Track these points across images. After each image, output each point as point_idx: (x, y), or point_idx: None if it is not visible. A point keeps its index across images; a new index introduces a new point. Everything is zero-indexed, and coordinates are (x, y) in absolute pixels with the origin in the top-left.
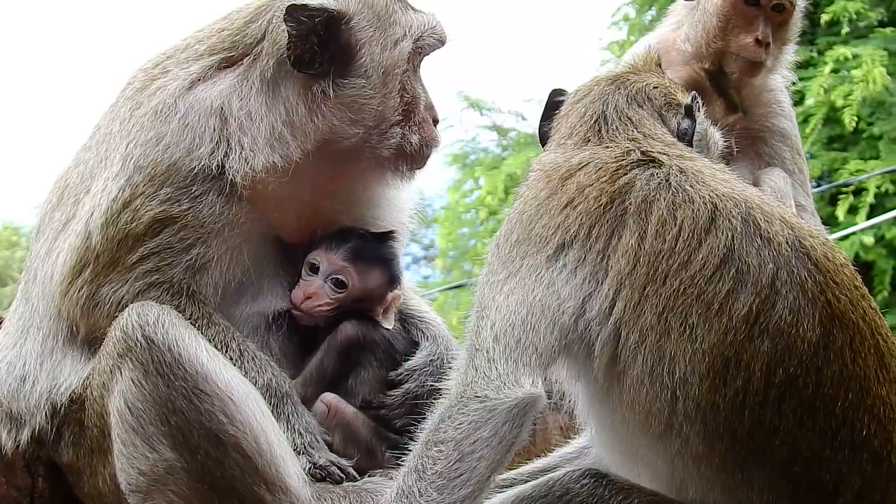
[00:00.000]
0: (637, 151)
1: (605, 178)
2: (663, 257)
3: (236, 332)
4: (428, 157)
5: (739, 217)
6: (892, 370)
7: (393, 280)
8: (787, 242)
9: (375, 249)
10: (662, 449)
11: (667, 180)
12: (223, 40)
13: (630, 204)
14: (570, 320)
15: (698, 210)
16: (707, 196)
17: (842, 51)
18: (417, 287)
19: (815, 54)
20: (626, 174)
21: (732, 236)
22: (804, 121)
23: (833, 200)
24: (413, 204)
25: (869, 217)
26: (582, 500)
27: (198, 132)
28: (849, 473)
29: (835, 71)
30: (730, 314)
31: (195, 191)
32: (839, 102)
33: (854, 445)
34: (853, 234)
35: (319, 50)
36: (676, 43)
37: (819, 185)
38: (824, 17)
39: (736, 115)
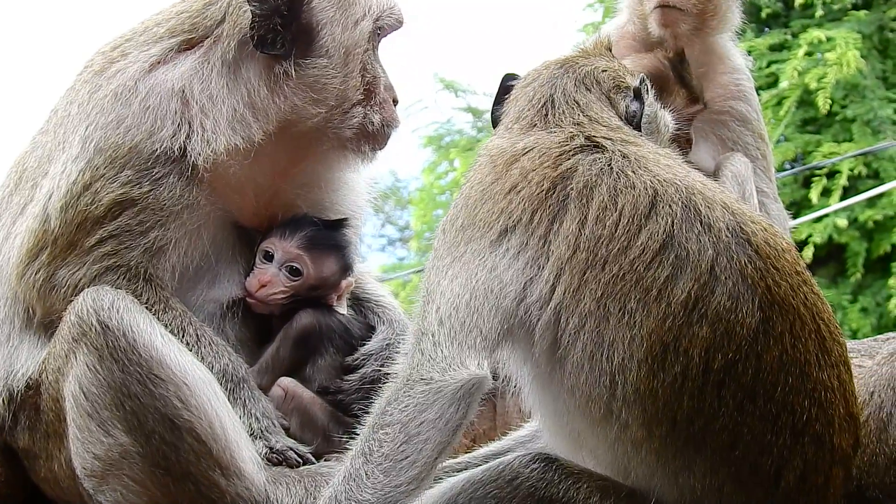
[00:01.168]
0: (581, 136)
1: (548, 164)
2: (603, 243)
3: (193, 317)
4: (389, 136)
5: (680, 203)
6: (833, 354)
7: (346, 267)
8: (728, 228)
9: (330, 237)
10: (603, 434)
11: (609, 165)
12: (183, 22)
13: (572, 189)
14: (512, 304)
15: (639, 195)
16: (648, 181)
17: (816, 34)
18: (379, 271)
19: (789, 37)
20: (569, 159)
21: (672, 222)
22: (778, 103)
23: (806, 183)
24: (371, 188)
25: (842, 199)
26: (532, 485)
27: (159, 115)
28: (790, 457)
29: (809, 54)
30: (668, 300)
31: (156, 173)
32: (813, 85)
33: (795, 429)
34: (826, 216)
35: (282, 30)
36: (627, 30)
37: (793, 168)
38: (799, 0)
39: (697, 106)
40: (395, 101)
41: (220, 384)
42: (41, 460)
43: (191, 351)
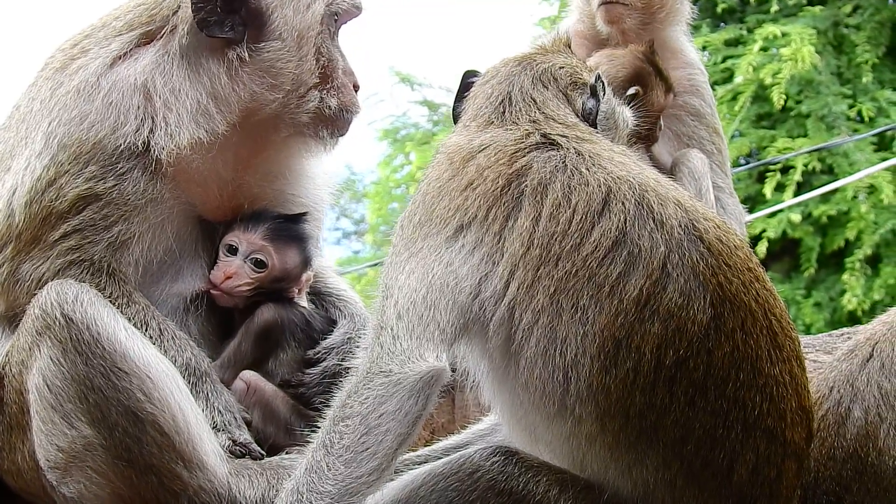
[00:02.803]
0: (536, 134)
1: (503, 161)
2: (556, 239)
3: (156, 311)
4: (348, 122)
5: (633, 200)
6: (785, 349)
7: (307, 261)
8: (680, 225)
9: (292, 229)
10: (557, 429)
11: (563, 163)
12: (140, 14)
13: (526, 186)
14: (468, 299)
15: (592, 193)
16: (602, 179)
17: (771, 29)
18: (335, 265)
19: (744, 32)
20: (524, 156)
21: (625, 219)
22: (733, 98)
23: (761, 178)
24: (333, 180)
25: (796, 194)
26: (492, 478)
27: (122, 110)
28: (742, 451)
29: (764, 49)
30: (620, 296)
31: (120, 168)
32: (768, 80)
33: (746, 424)
34: (780, 211)
35: (224, 13)
36: (577, 29)
37: (748, 163)
38: None
39: (671, 96)
40: (357, 87)
41: (183, 378)
42: (4, 452)
43: (154, 345)
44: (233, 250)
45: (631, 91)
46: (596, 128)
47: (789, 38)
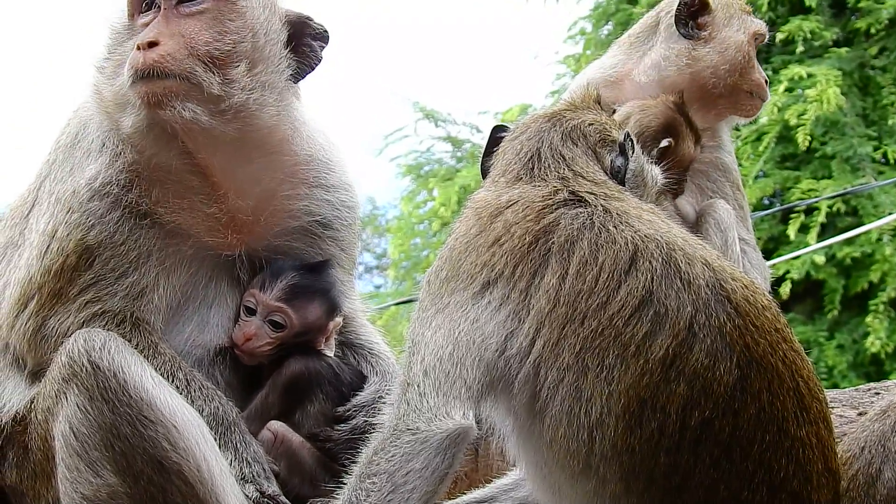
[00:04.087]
0: (565, 190)
1: (531, 217)
2: (583, 297)
3: (182, 361)
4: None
5: (660, 259)
6: (812, 411)
7: (332, 309)
8: (708, 285)
9: (311, 283)
10: (582, 488)
11: (591, 220)
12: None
13: (554, 243)
14: (494, 356)
15: (619, 251)
16: (629, 237)
17: (796, 70)
18: (367, 309)
19: (769, 73)
20: (552, 213)
21: (652, 278)
22: (757, 139)
23: (784, 219)
24: (354, 194)
25: (820, 235)
26: None
27: (91, 154)
28: None
29: (789, 90)
30: (646, 356)
31: (96, 209)
32: (793, 121)
33: (772, 486)
34: (805, 253)
35: None
36: (634, 74)
37: (771, 204)
38: (779, 36)
39: (698, 148)
40: (140, 47)
41: (211, 428)
42: (28, 499)
43: (181, 395)
44: (251, 311)
45: (664, 143)
46: (624, 185)
47: (815, 80)
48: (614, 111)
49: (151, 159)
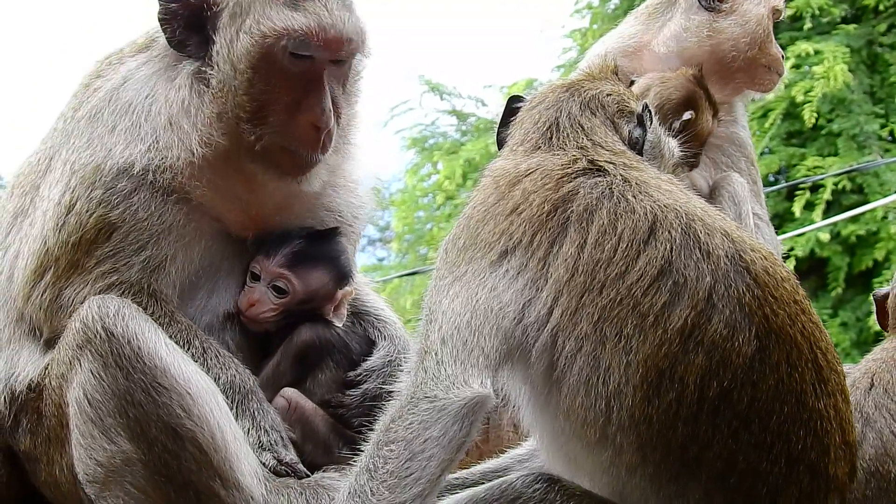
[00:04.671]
0: (584, 160)
1: (549, 186)
2: (601, 267)
3: (198, 329)
4: (303, 165)
5: (679, 229)
6: (830, 383)
7: (341, 277)
8: (727, 256)
9: (316, 250)
10: (598, 458)
11: (610, 189)
12: (145, 35)
13: (572, 212)
14: (511, 325)
15: (639, 220)
16: (648, 207)
17: (804, 46)
18: (372, 279)
19: None
20: (571, 182)
21: (671, 248)
22: (763, 115)
23: (790, 196)
24: (368, 185)
25: (825, 213)
26: None
27: (115, 131)
28: (786, 486)
29: (796, 66)
30: (665, 326)
31: (122, 189)
32: (799, 98)
33: (790, 458)
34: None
35: (187, 33)
36: (653, 45)
37: (776, 181)
38: (787, 12)
39: (716, 122)
40: (318, 127)
41: (228, 396)
42: (42, 464)
43: (197, 363)
44: (256, 277)
45: (686, 116)
46: (642, 156)
47: (822, 56)
48: (632, 82)
49: (220, 149)
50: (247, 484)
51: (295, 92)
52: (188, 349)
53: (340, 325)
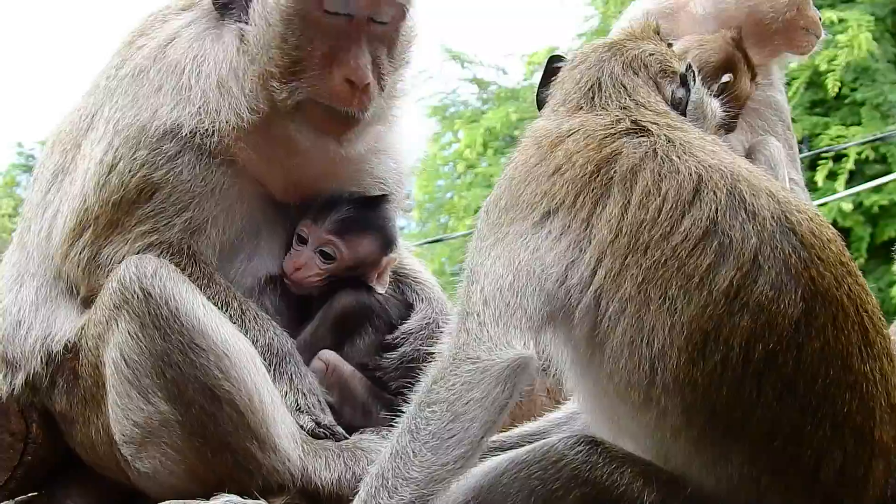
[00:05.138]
0: (627, 120)
1: (592, 146)
2: (645, 228)
3: (237, 292)
4: (344, 124)
5: (725, 189)
6: (876, 346)
7: (386, 245)
8: (773, 217)
9: (365, 217)
10: (642, 420)
11: (654, 150)
12: None
13: (616, 173)
14: (554, 287)
15: (683, 181)
16: (693, 167)
17: (828, 14)
18: (411, 245)
19: None
20: (614, 142)
21: (716, 209)
22: (786, 84)
23: (813, 166)
24: (412, 153)
25: (848, 182)
26: (576, 467)
27: (163, 91)
28: (830, 449)
29: None
30: (710, 288)
31: (167, 150)
32: (823, 67)
33: (835, 422)
34: (832, 200)
35: None
36: (690, 6)
37: (799, 151)
38: None
39: (755, 83)
40: (352, 81)
41: (266, 359)
42: (78, 425)
43: (235, 325)
44: (303, 241)
45: (725, 78)
46: (685, 117)
47: (846, 25)
48: (669, 45)
49: (264, 113)
50: (283, 446)
51: (330, 47)
52: (226, 311)
53: (382, 292)
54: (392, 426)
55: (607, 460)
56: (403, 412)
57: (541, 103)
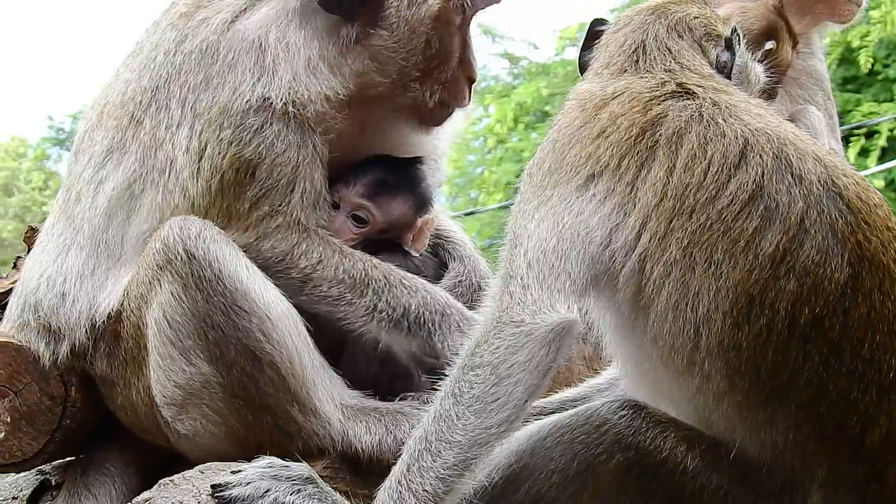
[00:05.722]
0: (672, 83)
1: (637, 109)
2: (691, 191)
3: (375, 260)
4: (445, 116)
5: (771, 153)
6: None
7: (421, 205)
8: (819, 181)
9: (396, 179)
10: (685, 385)
11: (699, 113)
12: None
13: (661, 135)
14: (599, 250)
15: (729, 144)
16: (739, 130)
17: None
18: (444, 206)
19: None
20: (660, 105)
21: (763, 172)
22: None
23: (845, 142)
24: (452, 130)
25: (880, 159)
26: (619, 432)
27: (239, 69)
28: (876, 415)
29: None
30: (756, 252)
31: (252, 124)
32: (855, 43)
33: (881, 387)
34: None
35: None
36: None
37: None
38: None
39: (796, 51)
40: (471, 80)
41: (425, 318)
42: (118, 388)
43: (381, 294)
44: (335, 206)
45: (768, 45)
46: (730, 80)
47: (879, 1)
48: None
49: (346, 97)
50: (324, 410)
51: (458, 47)
52: (371, 283)
53: (417, 255)
54: (433, 390)
55: (650, 425)
56: (446, 376)
57: (583, 67)
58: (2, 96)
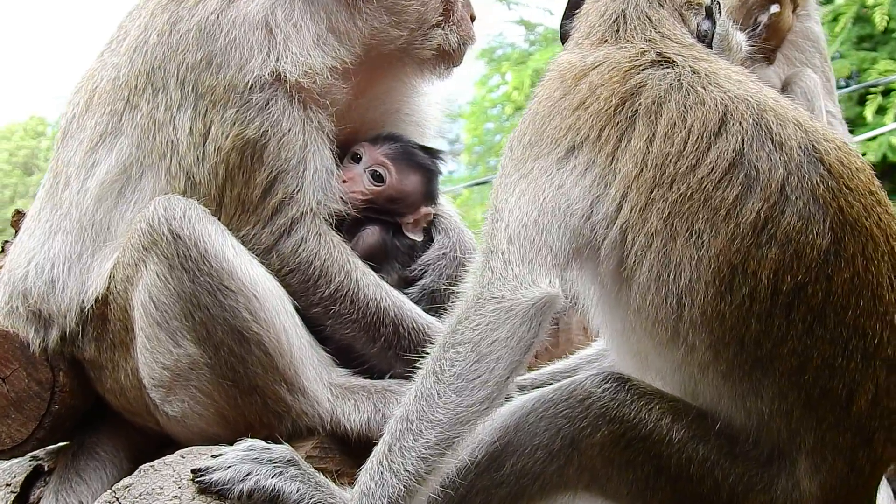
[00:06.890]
0: (652, 52)
1: (617, 79)
2: (671, 160)
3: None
4: (464, 54)
5: (751, 120)
6: None
7: (430, 194)
8: (800, 146)
9: (419, 156)
10: (670, 356)
11: (679, 81)
12: None
13: (640, 105)
14: (580, 222)
15: (709, 112)
16: (719, 98)
17: None
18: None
19: None
20: (639, 74)
21: (743, 140)
22: (834, 19)
23: (861, 101)
24: (443, 96)
25: None
26: (603, 405)
27: (245, 47)
28: (862, 381)
29: None
30: (737, 220)
31: (256, 102)
32: (870, 1)
33: (866, 353)
34: (881, 134)
35: None
36: None
37: (847, 85)
38: None
39: (796, 15)
40: (473, 18)
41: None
42: (107, 371)
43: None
44: (357, 158)
45: (773, 9)
46: (711, 49)
47: None
48: None
49: (352, 62)
50: (312, 389)
51: None
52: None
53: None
54: (417, 368)
55: (635, 397)
56: (428, 353)
57: (564, 37)
58: (21, 76)
